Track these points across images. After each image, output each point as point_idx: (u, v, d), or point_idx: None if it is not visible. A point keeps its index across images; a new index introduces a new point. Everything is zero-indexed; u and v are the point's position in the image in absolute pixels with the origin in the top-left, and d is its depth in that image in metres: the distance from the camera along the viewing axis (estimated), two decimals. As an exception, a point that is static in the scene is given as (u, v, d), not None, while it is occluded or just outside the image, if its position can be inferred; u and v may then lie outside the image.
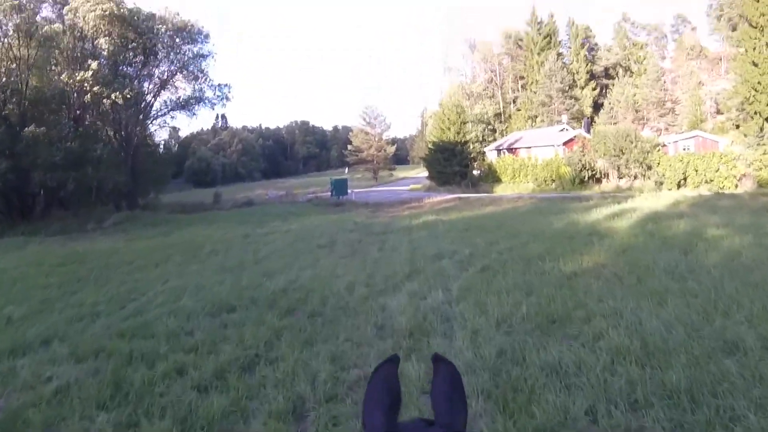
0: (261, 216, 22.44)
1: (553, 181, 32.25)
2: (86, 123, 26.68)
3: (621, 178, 29.80)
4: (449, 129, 38.31)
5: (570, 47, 62.95)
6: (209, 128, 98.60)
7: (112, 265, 11.18)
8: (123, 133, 28.69)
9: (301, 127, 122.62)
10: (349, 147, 62.18)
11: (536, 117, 57.23)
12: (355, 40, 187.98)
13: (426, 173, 45.58)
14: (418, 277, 8.26)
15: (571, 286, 7.08)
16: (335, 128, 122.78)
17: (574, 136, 38.01)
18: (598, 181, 30.54)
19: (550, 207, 19.73)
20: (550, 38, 61.65)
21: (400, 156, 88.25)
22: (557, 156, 33.89)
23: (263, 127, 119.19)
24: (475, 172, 39.45)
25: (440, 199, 28.58)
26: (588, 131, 39.80)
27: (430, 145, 41.92)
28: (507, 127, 60.15)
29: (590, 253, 9.35)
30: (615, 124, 44.58)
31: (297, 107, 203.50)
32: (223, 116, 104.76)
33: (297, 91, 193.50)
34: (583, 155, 30.76)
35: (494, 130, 60.09)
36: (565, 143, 37.42)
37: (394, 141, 68.17)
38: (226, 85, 34.80)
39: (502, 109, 62.85)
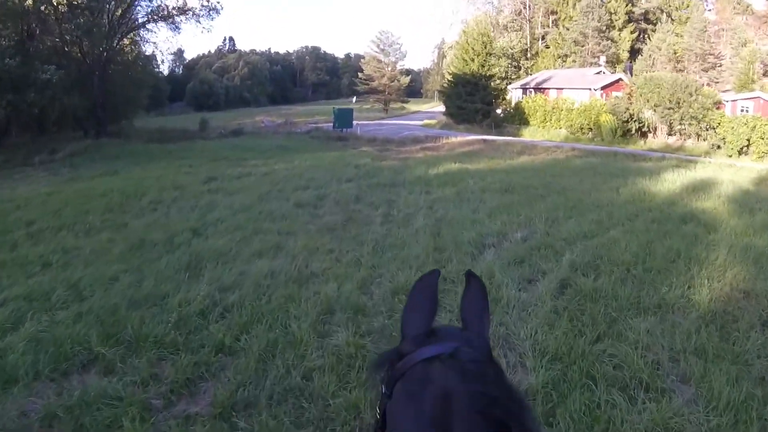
0: (244, 150, 18.56)
1: (590, 129, 27.97)
2: (38, 39, 22.05)
3: (671, 134, 25.59)
4: (473, 60, 33.57)
5: (609, -17, 56.62)
6: (215, 50, 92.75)
7: (6, 227, 7.56)
8: (82, 48, 23.64)
9: (312, 53, 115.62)
10: (360, 75, 57.27)
11: (567, 56, 52.02)
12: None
13: (442, 108, 41.20)
14: (449, 299, 4.61)
15: (738, 356, 3.60)
16: (347, 56, 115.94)
17: (618, 80, 33.33)
18: (644, 135, 26.29)
19: (602, 165, 15.81)
20: (589, -30, 55.47)
21: (414, 88, 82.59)
22: (597, 101, 29.39)
23: (272, 52, 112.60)
24: (498, 111, 35.00)
25: (461, 140, 24.62)
26: (629, 76, 35.04)
27: (449, 77, 37.22)
28: (533, 65, 54.95)
29: (708, 261, 5.88)
30: (653, 72, 39.68)
31: (309, 33, 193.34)
32: (231, 38, 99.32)
33: (309, 16, 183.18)
34: (630, 103, 26.35)
35: (519, 68, 54.85)
36: (603, 88, 32.80)
37: (408, 72, 62.84)
38: (214, -7, 29.01)
39: (529, 45, 57.25)
